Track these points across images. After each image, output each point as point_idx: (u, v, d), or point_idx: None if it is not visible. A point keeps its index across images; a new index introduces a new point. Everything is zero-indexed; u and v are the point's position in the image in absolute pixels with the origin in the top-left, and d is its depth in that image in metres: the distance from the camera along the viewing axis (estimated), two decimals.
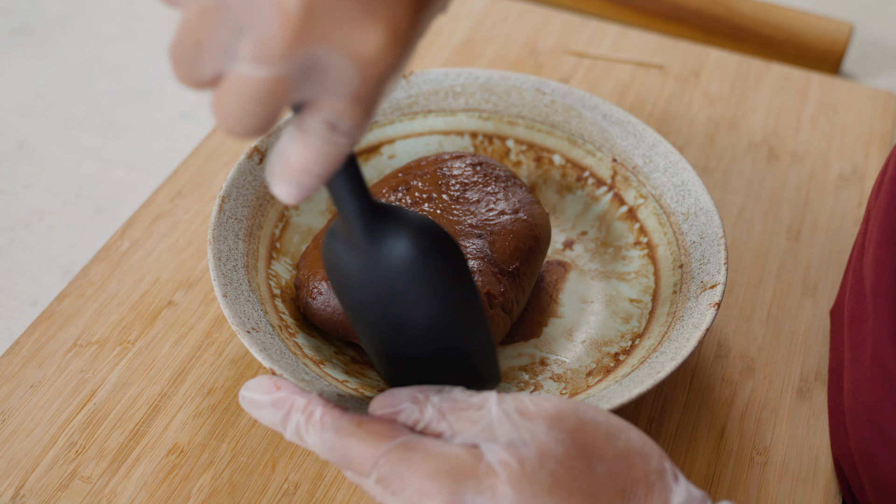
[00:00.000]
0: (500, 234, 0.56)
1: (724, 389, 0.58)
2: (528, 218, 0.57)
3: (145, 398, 0.55)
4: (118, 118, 0.77)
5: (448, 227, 0.56)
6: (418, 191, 0.58)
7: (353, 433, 0.41)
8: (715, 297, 0.53)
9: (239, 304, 0.52)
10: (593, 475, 0.39)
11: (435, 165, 0.59)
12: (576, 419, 0.40)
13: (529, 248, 0.56)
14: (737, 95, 0.77)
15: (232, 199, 0.56)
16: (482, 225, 0.56)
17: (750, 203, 0.68)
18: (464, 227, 0.56)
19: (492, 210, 0.57)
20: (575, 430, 0.40)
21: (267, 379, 0.43)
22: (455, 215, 0.57)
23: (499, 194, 0.58)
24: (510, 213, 0.57)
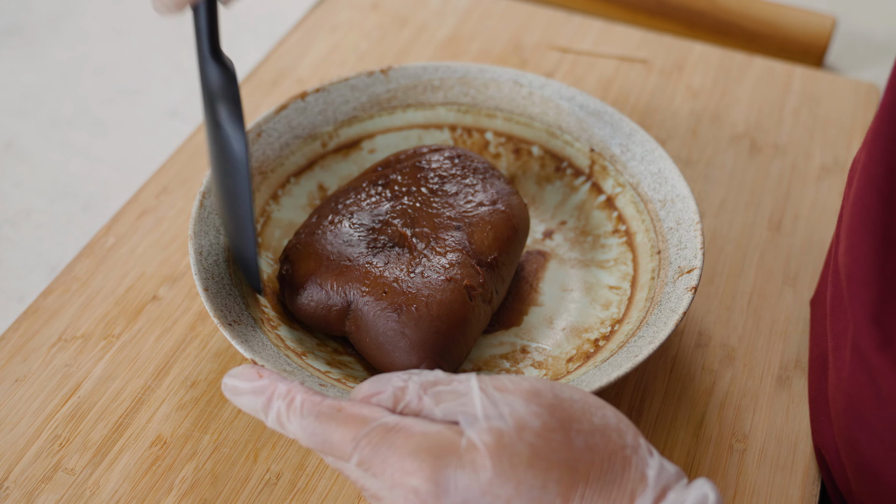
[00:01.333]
0: (479, 225, 0.56)
1: (705, 378, 0.58)
2: (506, 209, 0.58)
3: (129, 391, 0.56)
4: (105, 117, 0.78)
5: (427, 219, 0.56)
6: (398, 184, 0.58)
7: (333, 417, 0.41)
8: (692, 281, 0.53)
9: (220, 297, 0.52)
10: (571, 447, 0.39)
11: (414, 159, 0.60)
12: (552, 395, 0.41)
13: (508, 238, 0.57)
14: (720, 89, 0.77)
15: (213, 194, 0.57)
16: (460, 217, 0.57)
17: (732, 194, 0.69)
18: (442, 219, 0.57)
19: (470, 202, 0.58)
20: (552, 405, 0.40)
21: (250, 367, 0.44)
22: (434, 208, 0.57)
23: (477, 186, 0.58)
24: (488, 205, 0.57)
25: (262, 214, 0.60)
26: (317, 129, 0.63)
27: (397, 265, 0.54)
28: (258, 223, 0.59)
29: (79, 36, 0.85)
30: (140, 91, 0.80)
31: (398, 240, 0.56)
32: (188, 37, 0.84)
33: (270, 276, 0.58)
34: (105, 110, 0.78)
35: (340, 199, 0.58)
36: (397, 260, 0.54)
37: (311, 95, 0.63)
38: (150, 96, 0.79)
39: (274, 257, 0.59)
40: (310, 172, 0.63)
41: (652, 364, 0.58)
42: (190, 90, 0.80)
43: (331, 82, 0.64)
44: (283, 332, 0.54)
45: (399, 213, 0.57)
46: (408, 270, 0.54)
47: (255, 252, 0.53)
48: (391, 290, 0.53)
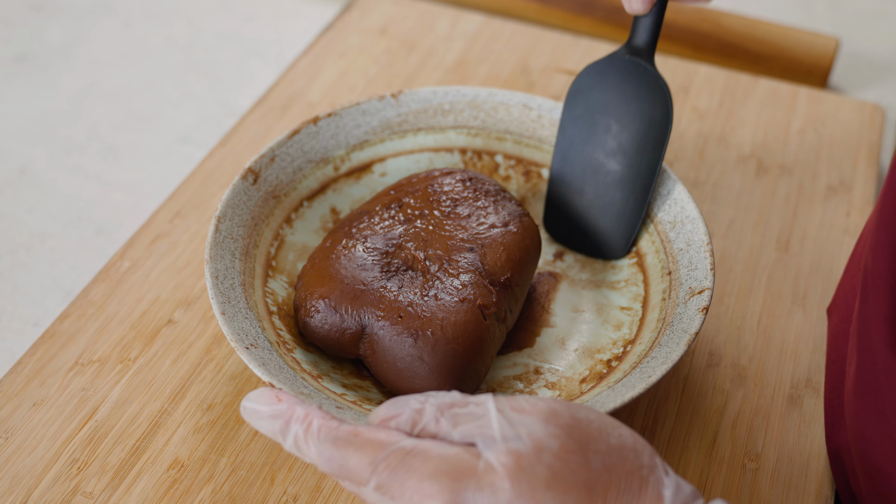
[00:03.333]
0: (491, 246, 0.57)
1: (716, 397, 0.59)
2: (518, 230, 0.58)
3: (146, 414, 0.56)
4: (117, 142, 0.79)
5: (440, 242, 0.57)
6: (410, 207, 0.59)
7: (350, 442, 0.42)
8: (703, 301, 0.54)
9: (237, 321, 0.53)
10: (589, 468, 0.40)
11: (426, 182, 0.61)
12: (569, 416, 0.41)
13: (520, 259, 0.57)
14: (726, 110, 0.78)
15: (228, 219, 0.57)
16: (473, 239, 0.58)
17: (739, 215, 0.70)
18: (455, 241, 0.57)
19: (482, 224, 0.58)
20: (569, 425, 0.41)
21: (268, 391, 0.45)
22: (447, 230, 0.58)
23: (489, 208, 0.59)
24: (500, 226, 0.58)
25: (275, 238, 0.60)
26: (329, 154, 0.64)
27: (411, 289, 0.55)
28: (272, 246, 0.60)
29: (90, 63, 0.86)
30: (152, 117, 0.81)
31: (411, 263, 0.56)
32: (198, 63, 0.86)
33: (285, 300, 0.58)
34: (117, 136, 0.79)
35: (354, 223, 0.59)
36: (411, 283, 0.55)
37: (322, 120, 0.64)
38: (161, 122, 0.80)
39: (289, 280, 0.60)
40: (322, 196, 0.64)
41: (664, 384, 0.59)
42: (201, 115, 0.81)
43: (342, 107, 0.65)
44: (299, 355, 0.55)
45: (412, 236, 0.57)
46: (421, 293, 0.54)
47: None
48: (406, 315, 0.53)
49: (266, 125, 0.75)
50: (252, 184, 0.60)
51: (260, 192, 0.60)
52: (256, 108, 0.77)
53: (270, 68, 0.85)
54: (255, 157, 0.61)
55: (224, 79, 0.85)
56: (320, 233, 0.63)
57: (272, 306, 0.57)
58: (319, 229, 0.63)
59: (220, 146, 0.73)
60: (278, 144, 0.62)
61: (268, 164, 0.61)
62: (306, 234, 0.62)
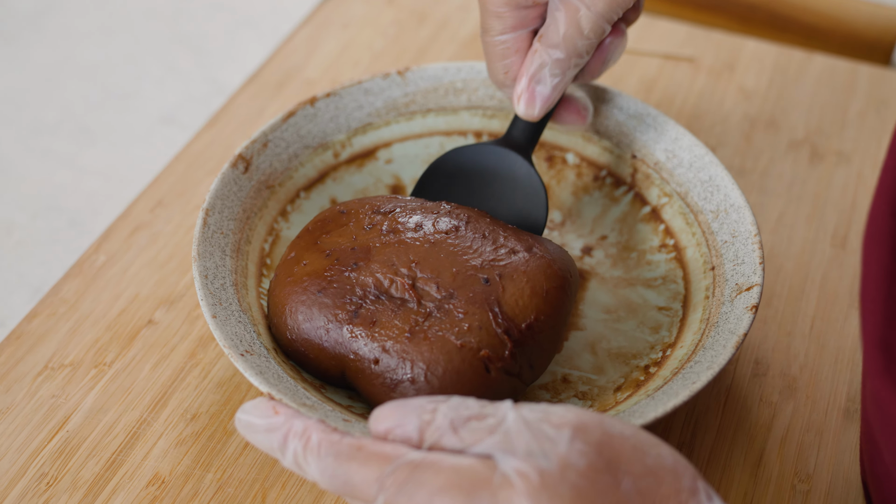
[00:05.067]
0: (512, 277, 0.54)
1: (763, 411, 0.59)
2: (545, 254, 0.55)
3: (123, 425, 0.57)
4: (93, 123, 0.80)
5: (440, 268, 0.54)
6: (406, 213, 0.57)
7: (353, 457, 0.42)
8: (752, 299, 0.54)
9: (230, 325, 0.53)
10: (619, 491, 0.40)
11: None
12: (601, 431, 0.42)
13: (549, 294, 0.54)
14: (776, 90, 0.78)
15: (216, 211, 0.58)
16: (489, 267, 0.54)
17: (791, 207, 0.70)
18: (464, 269, 0.54)
19: (501, 248, 0.55)
20: (600, 442, 0.41)
21: (265, 402, 0.45)
22: (450, 254, 0.55)
23: (511, 230, 0.56)
24: (523, 251, 0.55)
25: (269, 233, 0.61)
26: (328, 138, 0.65)
27: (395, 321, 0.52)
28: (266, 242, 0.61)
29: (63, 34, 0.87)
30: (131, 95, 0.82)
31: (387, 288, 0.54)
32: (183, 35, 0.87)
33: None
34: (92, 116, 0.80)
35: (326, 231, 0.57)
36: (394, 316, 0.53)
37: (321, 101, 0.65)
38: (142, 101, 0.81)
39: None
40: (321, 186, 0.65)
41: (704, 396, 0.59)
42: (186, 93, 0.82)
43: (342, 86, 0.66)
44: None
45: (394, 252, 0.55)
46: (407, 331, 0.52)
47: None
48: (385, 357, 0.52)
49: (259, 105, 0.76)
50: (243, 172, 0.61)
51: (252, 182, 0.61)
52: (248, 86, 0.78)
53: (264, 41, 0.86)
54: (246, 143, 0.62)
55: (212, 53, 0.86)
56: None
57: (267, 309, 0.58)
58: None
59: (208, 128, 0.74)
60: (272, 128, 0.63)
61: (260, 150, 0.62)
62: None
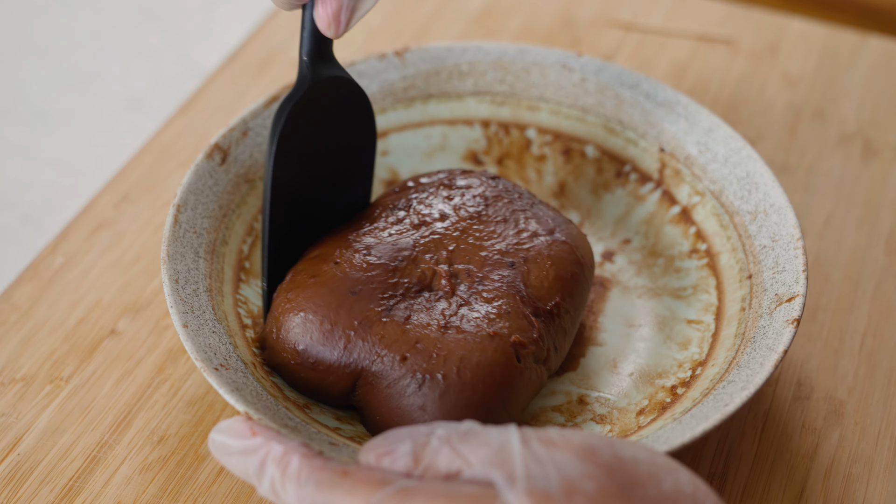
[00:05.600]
0: (535, 261, 0.57)
1: (805, 439, 0.59)
2: (568, 239, 0.59)
3: (81, 447, 0.57)
4: (50, 108, 0.80)
5: (470, 253, 0.57)
6: (426, 206, 0.59)
7: (337, 485, 0.43)
8: (794, 311, 0.55)
9: (203, 335, 0.54)
10: None
11: (442, 180, 0.61)
12: (611, 454, 0.42)
13: (572, 278, 0.57)
14: (825, 76, 0.79)
15: (189, 208, 0.59)
16: (513, 250, 0.57)
17: (840, 209, 0.70)
18: (491, 253, 0.57)
19: (523, 231, 0.58)
20: (610, 465, 0.42)
21: (242, 422, 0.46)
22: (477, 238, 0.58)
23: (527, 212, 0.59)
24: (545, 234, 0.58)
25: (249, 233, 0.62)
26: None
27: (429, 315, 0.55)
28: (244, 242, 0.61)
29: (16, 8, 0.87)
30: (94, 76, 0.83)
31: (429, 280, 0.56)
32: (153, 9, 0.87)
33: (261, 311, 0.59)
34: (49, 100, 0.81)
35: (350, 231, 0.59)
36: (427, 309, 0.55)
37: None
38: (105, 83, 0.82)
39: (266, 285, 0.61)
40: None
41: (739, 420, 0.60)
42: (156, 75, 0.82)
43: None
44: (280, 380, 0.56)
45: (432, 244, 0.58)
46: (441, 324, 0.54)
47: (266, 277, 0.58)
48: (414, 353, 0.53)
49: (238, 89, 0.76)
50: (219, 164, 0.61)
51: (229, 175, 0.62)
52: (226, 68, 0.78)
53: (244, 17, 0.86)
54: (223, 131, 0.62)
55: (186, 29, 0.86)
56: None
57: (246, 318, 0.58)
58: None
59: (180, 114, 0.75)
60: (252, 114, 0.64)
61: (239, 138, 0.63)
62: None
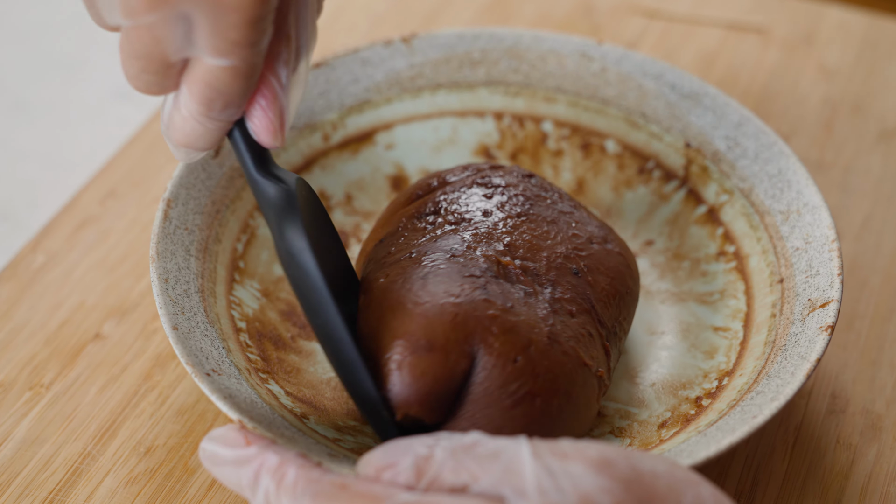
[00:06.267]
0: (599, 271, 0.56)
1: (840, 455, 0.60)
2: (621, 250, 0.58)
3: (63, 459, 0.58)
4: (31, 98, 0.81)
5: (531, 252, 0.55)
6: (461, 205, 0.57)
7: (335, 498, 0.44)
8: (828, 318, 0.55)
9: (194, 339, 0.55)
10: None
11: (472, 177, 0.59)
12: (628, 467, 0.43)
13: (628, 293, 0.57)
14: (864, 68, 0.79)
15: (180, 203, 0.60)
16: (574, 255, 0.55)
17: (879, 210, 0.71)
18: (552, 255, 0.55)
19: (577, 237, 0.57)
20: (627, 479, 0.43)
21: (235, 430, 0.47)
22: (534, 237, 0.56)
23: (573, 215, 0.58)
24: (599, 242, 0.57)
25: (243, 230, 0.62)
26: (316, 118, 0.67)
27: (529, 310, 0.52)
28: (239, 241, 0.62)
29: None
30: (79, 65, 0.83)
31: (499, 270, 0.54)
32: None
33: (256, 313, 0.60)
34: (31, 89, 0.82)
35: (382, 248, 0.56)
36: (526, 303, 0.53)
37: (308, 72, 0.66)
38: (91, 72, 0.83)
39: (261, 288, 0.61)
40: (307, 175, 0.66)
41: (768, 435, 0.60)
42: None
43: (335, 55, 0.67)
44: (276, 388, 0.57)
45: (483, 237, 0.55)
46: (547, 333, 0.52)
47: (372, 389, 0.51)
48: (526, 359, 0.51)
49: None
50: (213, 157, 0.62)
51: (223, 169, 0.62)
52: None
53: None
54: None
55: None
56: None
57: (240, 321, 0.59)
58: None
59: None
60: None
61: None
62: None
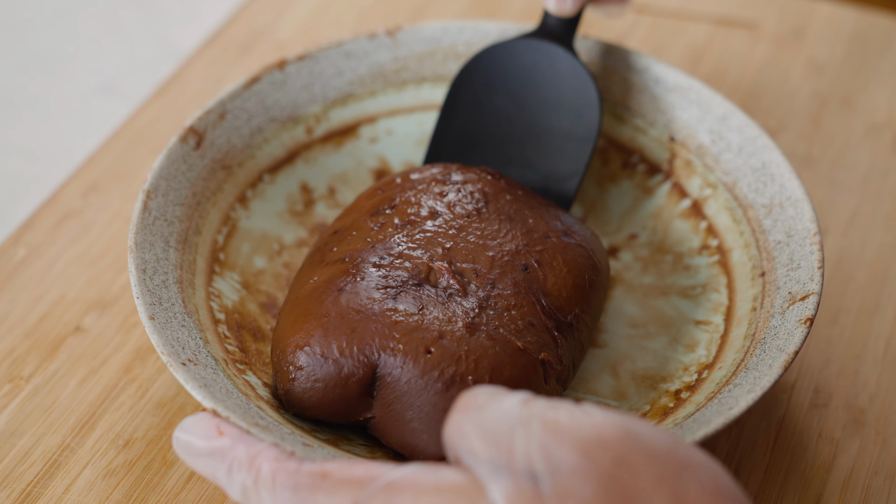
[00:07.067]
0: (552, 265, 0.57)
1: (822, 449, 0.60)
2: (582, 241, 0.59)
3: (41, 451, 0.59)
4: (15, 92, 0.82)
5: (473, 253, 0.56)
6: (412, 205, 0.59)
7: (317, 487, 0.44)
8: (807, 310, 0.56)
9: (171, 329, 0.55)
10: None
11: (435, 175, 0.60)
12: (623, 447, 0.42)
13: (590, 285, 0.58)
14: (853, 63, 0.80)
15: (160, 194, 0.60)
16: (524, 251, 0.57)
17: (867, 205, 0.72)
18: (499, 254, 0.57)
19: (533, 232, 0.58)
20: (617, 462, 0.42)
21: (208, 418, 0.47)
22: (479, 237, 0.57)
23: (534, 210, 0.59)
24: (557, 236, 0.58)
25: (224, 223, 0.63)
26: (300, 110, 0.67)
27: (446, 310, 0.55)
28: (219, 233, 0.62)
29: None
30: (63, 59, 0.84)
31: (426, 276, 0.56)
32: None
33: (236, 305, 0.61)
34: (15, 84, 0.82)
35: (326, 247, 0.59)
36: (443, 304, 0.55)
37: (292, 65, 0.67)
38: (76, 66, 0.83)
39: (241, 281, 0.62)
40: (290, 168, 0.67)
41: (750, 429, 0.61)
42: (131, 57, 0.84)
43: (319, 48, 0.68)
44: (253, 379, 0.57)
45: (422, 242, 0.57)
46: (467, 323, 0.54)
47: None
48: (440, 349, 0.53)
49: (218, 72, 0.78)
50: (194, 148, 0.63)
51: (205, 161, 0.63)
52: (206, 50, 0.80)
53: None
54: (198, 113, 0.63)
55: (162, 8, 0.88)
56: (286, 218, 0.65)
57: (219, 313, 0.60)
58: (285, 212, 0.65)
59: (156, 99, 0.76)
60: (231, 96, 0.65)
61: (216, 122, 0.64)
62: (267, 219, 0.65)
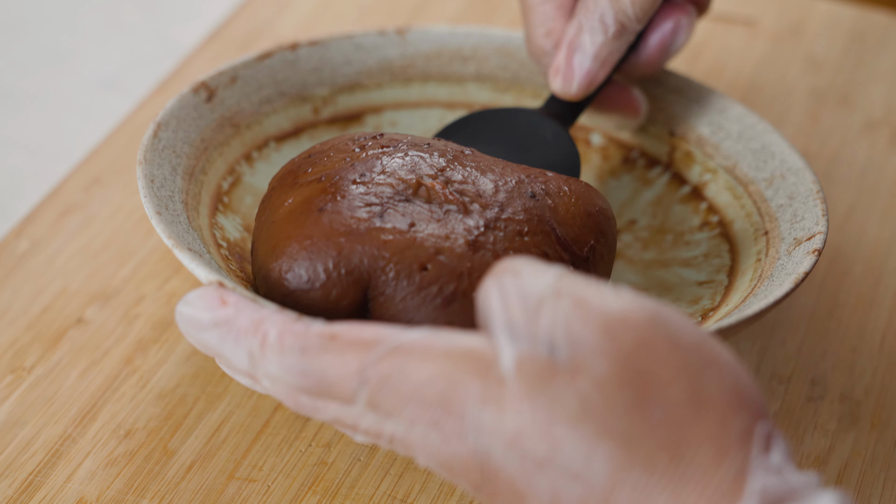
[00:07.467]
0: (559, 195, 0.55)
1: (817, 441, 0.61)
2: (584, 187, 0.56)
3: (43, 441, 0.60)
4: (17, 88, 0.83)
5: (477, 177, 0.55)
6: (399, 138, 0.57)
7: (325, 348, 0.43)
8: (814, 244, 0.57)
9: (177, 227, 0.55)
10: (640, 416, 0.39)
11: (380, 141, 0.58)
12: (648, 331, 0.40)
13: (601, 213, 0.55)
14: (852, 59, 0.81)
15: (170, 129, 0.61)
16: (529, 181, 0.55)
17: (863, 200, 0.72)
18: (501, 179, 0.54)
19: (529, 169, 0.56)
20: (638, 345, 0.40)
21: (212, 290, 0.46)
22: (476, 168, 0.55)
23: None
24: (556, 174, 0.57)
25: (229, 173, 0.64)
26: (308, 91, 0.69)
27: (444, 227, 0.52)
28: (224, 180, 0.64)
29: None
30: (66, 55, 0.85)
31: (416, 190, 0.54)
32: None
33: (237, 241, 0.61)
34: (18, 79, 0.83)
35: (305, 163, 0.57)
36: (439, 221, 0.52)
37: (303, 48, 0.68)
38: (79, 62, 0.84)
39: (244, 224, 0.63)
40: (295, 141, 0.68)
41: None
42: (132, 54, 0.85)
43: (331, 36, 0.69)
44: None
45: (410, 164, 0.55)
46: (469, 241, 0.51)
47: None
48: (437, 265, 0.50)
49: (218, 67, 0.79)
50: (205, 101, 0.64)
51: (214, 115, 0.64)
52: (207, 47, 0.81)
53: None
54: (212, 73, 0.65)
55: (164, 5, 0.88)
56: None
57: (221, 241, 0.60)
58: None
59: (157, 95, 0.77)
60: (243, 65, 0.66)
61: (227, 83, 0.65)
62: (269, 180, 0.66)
